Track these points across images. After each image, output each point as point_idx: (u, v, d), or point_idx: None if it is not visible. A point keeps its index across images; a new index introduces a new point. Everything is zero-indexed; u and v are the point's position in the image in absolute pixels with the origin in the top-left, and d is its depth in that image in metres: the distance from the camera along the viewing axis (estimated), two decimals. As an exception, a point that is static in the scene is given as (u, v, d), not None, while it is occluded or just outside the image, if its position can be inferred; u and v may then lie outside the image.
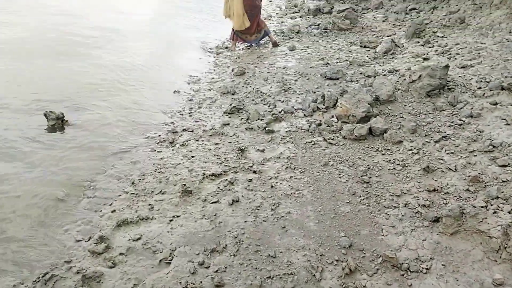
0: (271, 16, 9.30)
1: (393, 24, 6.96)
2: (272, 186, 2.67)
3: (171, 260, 2.07)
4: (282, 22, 8.55)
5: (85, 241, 2.24)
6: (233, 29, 6.46)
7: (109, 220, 2.42)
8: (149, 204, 2.56)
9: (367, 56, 5.38)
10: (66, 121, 3.38)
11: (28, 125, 3.33)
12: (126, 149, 3.26)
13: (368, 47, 5.84)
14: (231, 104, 4.06)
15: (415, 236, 2.11)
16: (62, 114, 3.35)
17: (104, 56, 5.33)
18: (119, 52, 5.59)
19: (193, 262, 2.04)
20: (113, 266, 2.06)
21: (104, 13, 7.63)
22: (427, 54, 4.82)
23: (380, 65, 4.91)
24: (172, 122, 3.86)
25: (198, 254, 2.10)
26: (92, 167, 2.97)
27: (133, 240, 2.22)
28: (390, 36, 6.14)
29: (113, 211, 2.50)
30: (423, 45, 5.24)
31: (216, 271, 1.98)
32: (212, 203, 2.54)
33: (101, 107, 3.91)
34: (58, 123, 3.30)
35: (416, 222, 2.21)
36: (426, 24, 5.98)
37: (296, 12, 9.51)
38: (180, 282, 1.92)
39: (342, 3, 9.07)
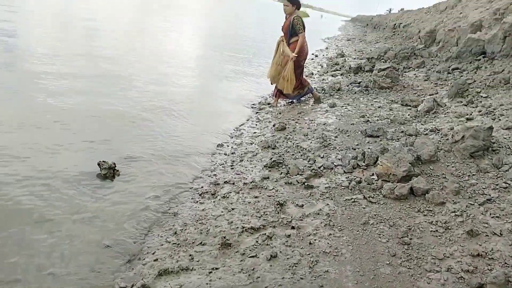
0: (312, 74, 9.60)
1: (435, 83, 6.99)
2: (310, 243, 2.68)
3: (208, 312, 2.10)
4: (323, 79, 8.80)
5: (128, 289, 2.32)
6: (275, 87, 6.72)
7: (151, 268, 2.50)
8: (190, 255, 2.63)
9: (408, 115, 5.40)
10: (117, 170, 3.60)
11: (81, 172, 3.57)
12: (170, 200, 3.40)
13: (410, 106, 5.87)
14: (271, 158, 4.17)
15: (459, 304, 2.03)
16: (114, 164, 3.57)
17: (149, 106, 5.67)
18: (164, 106, 5.92)
19: (230, 316, 2.06)
20: (153, 315, 2.11)
21: (151, 62, 8.19)
22: (471, 114, 4.79)
23: (421, 124, 4.91)
24: (215, 174, 4.00)
25: (236, 308, 2.12)
26: (137, 216, 3.10)
27: (173, 290, 2.28)
28: (432, 95, 6.16)
29: (156, 260, 2.59)
30: (466, 105, 5.22)
31: (253, 327, 1.98)
32: (250, 257, 2.57)
33: (149, 157, 4.12)
34: (109, 173, 3.51)
35: (459, 289, 2.14)
36: (469, 84, 5.97)
37: (337, 70, 9.78)
38: (217, 336, 1.93)
39: (383, 62, 9.25)
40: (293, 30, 6.25)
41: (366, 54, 12.87)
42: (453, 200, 3.00)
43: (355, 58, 12.58)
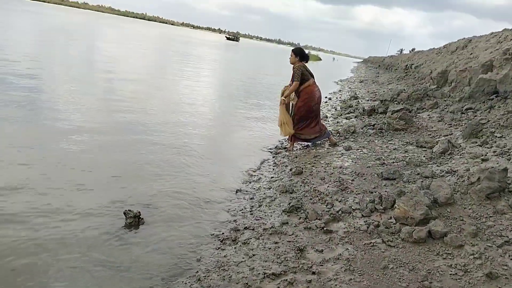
0: (326, 117, 9.80)
1: (449, 124, 7.08)
2: (331, 288, 2.73)
3: None
4: (337, 122, 8.98)
5: (155, 336, 2.40)
6: None
7: (176, 316, 2.58)
8: (214, 302, 2.70)
9: (424, 156, 5.48)
10: (142, 219, 3.74)
11: (107, 220, 3.73)
12: (193, 247, 3.51)
13: (425, 147, 5.95)
14: (289, 203, 4.27)
15: None
16: (139, 212, 3.73)
17: (167, 151, 5.88)
18: (181, 150, 6.14)
19: None
20: None
21: (169, 111, 8.52)
22: (486, 154, 4.85)
23: (437, 166, 4.97)
24: (235, 220, 4.11)
25: None
26: (163, 264, 3.21)
27: (199, 337, 2.34)
28: (447, 136, 6.25)
29: (181, 307, 2.67)
30: (481, 146, 5.28)
31: None
32: (272, 303, 2.63)
33: (171, 203, 4.27)
34: (135, 221, 3.66)
35: (482, 334, 2.16)
36: (483, 124, 6.05)
37: (351, 113, 9.96)
38: None
39: (396, 103, 9.42)
40: (293, 78, 6.54)
41: (379, 95, 13.10)
42: (471, 243, 3.03)
43: (368, 100, 12.81)
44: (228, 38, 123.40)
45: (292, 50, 6.66)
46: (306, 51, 6.92)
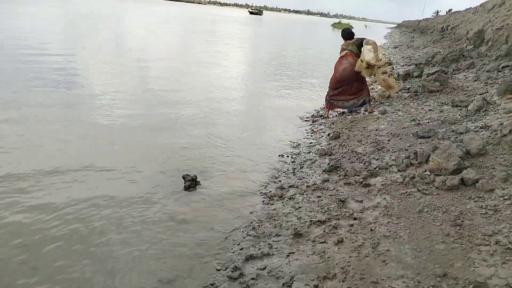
0: (361, 84, 9.91)
1: (485, 83, 7.10)
2: (371, 230, 3.09)
3: (291, 284, 2.58)
4: (372, 88, 9.10)
5: (223, 270, 2.86)
6: (326, 98, 7.19)
7: (239, 255, 3.03)
8: (269, 244, 3.13)
9: (459, 115, 5.63)
10: (198, 181, 4.21)
11: (169, 184, 4.22)
12: (246, 203, 3.95)
13: (460, 106, 6.08)
14: (329, 164, 4.61)
15: (505, 268, 2.36)
16: (196, 176, 4.20)
17: (214, 126, 6.33)
18: (227, 123, 6.57)
19: (309, 285, 2.53)
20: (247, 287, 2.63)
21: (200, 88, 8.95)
22: (520, 109, 4.95)
23: (472, 123, 5.14)
24: (280, 180, 4.51)
25: (313, 280, 2.59)
26: (220, 217, 3.67)
27: (260, 269, 2.79)
28: (482, 94, 6.33)
29: (241, 249, 3.12)
30: (516, 101, 5.37)
31: (328, 293, 2.44)
32: (320, 243, 3.03)
33: (222, 170, 4.72)
34: (192, 184, 4.13)
35: (506, 257, 2.46)
36: (519, 80, 6.07)
37: (385, 79, 10.00)
38: (300, 300, 2.40)
39: (431, 66, 9.40)
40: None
41: (414, 60, 12.97)
42: (501, 187, 3.28)
43: (403, 65, 12.73)
44: (251, 13, 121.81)
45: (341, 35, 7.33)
46: (337, 20, 7.20)
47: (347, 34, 7.13)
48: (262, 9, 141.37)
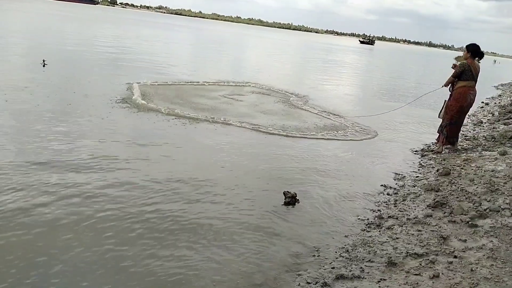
0: (481, 122, 9.30)
1: None
2: (472, 270, 2.97)
3: (379, 308, 2.62)
4: (493, 128, 8.47)
5: (313, 284, 3.01)
6: (440, 131, 6.86)
7: (329, 273, 3.14)
8: (361, 267, 3.19)
9: None
10: (298, 199, 4.44)
11: (268, 200, 4.52)
12: (342, 226, 4.05)
13: None
14: (434, 199, 4.47)
15: None
16: (296, 193, 4.43)
17: (320, 150, 6.50)
18: (337, 148, 6.70)
19: (397, 312, 2.55)
20: (334, 303, 2.74)
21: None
22: None
23: None
24: (379, 210, 4.50)
25: (402, 308, 2.60)
26: (314, 235, 3.83)
27: (349, 289, 2.88)
28: None
29: (333, 267, 3.23)
30: None
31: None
32: (414, 275, 3.00)
33: (322, 192, 4.87)
34: (292, 201, 4.37)
35: None
36: None
37: (510, 118, 9.23)
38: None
39: None
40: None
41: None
42: None
43: (534, 105, 11.52)
44: (362, 42, 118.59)
45: (466, 46, 6.71)
46: (461, 54, 6.87)
47: (479, 53, 6.59)
48: (374, 38, 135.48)
